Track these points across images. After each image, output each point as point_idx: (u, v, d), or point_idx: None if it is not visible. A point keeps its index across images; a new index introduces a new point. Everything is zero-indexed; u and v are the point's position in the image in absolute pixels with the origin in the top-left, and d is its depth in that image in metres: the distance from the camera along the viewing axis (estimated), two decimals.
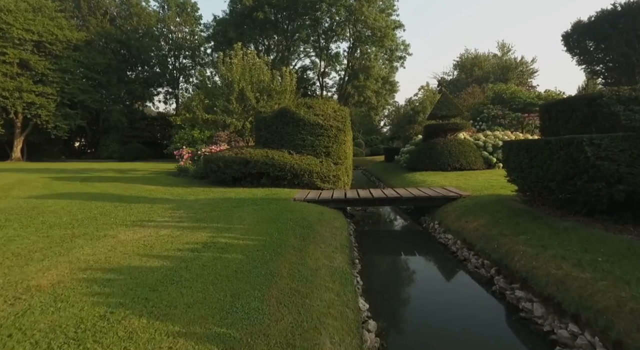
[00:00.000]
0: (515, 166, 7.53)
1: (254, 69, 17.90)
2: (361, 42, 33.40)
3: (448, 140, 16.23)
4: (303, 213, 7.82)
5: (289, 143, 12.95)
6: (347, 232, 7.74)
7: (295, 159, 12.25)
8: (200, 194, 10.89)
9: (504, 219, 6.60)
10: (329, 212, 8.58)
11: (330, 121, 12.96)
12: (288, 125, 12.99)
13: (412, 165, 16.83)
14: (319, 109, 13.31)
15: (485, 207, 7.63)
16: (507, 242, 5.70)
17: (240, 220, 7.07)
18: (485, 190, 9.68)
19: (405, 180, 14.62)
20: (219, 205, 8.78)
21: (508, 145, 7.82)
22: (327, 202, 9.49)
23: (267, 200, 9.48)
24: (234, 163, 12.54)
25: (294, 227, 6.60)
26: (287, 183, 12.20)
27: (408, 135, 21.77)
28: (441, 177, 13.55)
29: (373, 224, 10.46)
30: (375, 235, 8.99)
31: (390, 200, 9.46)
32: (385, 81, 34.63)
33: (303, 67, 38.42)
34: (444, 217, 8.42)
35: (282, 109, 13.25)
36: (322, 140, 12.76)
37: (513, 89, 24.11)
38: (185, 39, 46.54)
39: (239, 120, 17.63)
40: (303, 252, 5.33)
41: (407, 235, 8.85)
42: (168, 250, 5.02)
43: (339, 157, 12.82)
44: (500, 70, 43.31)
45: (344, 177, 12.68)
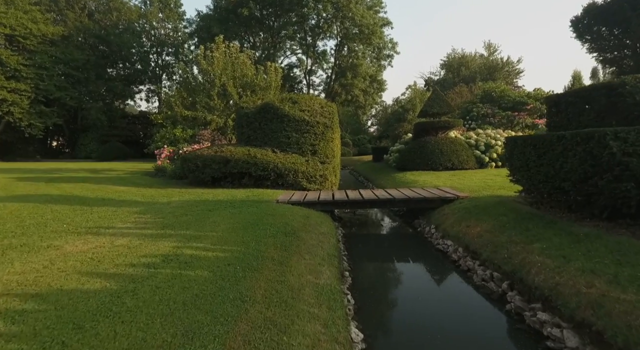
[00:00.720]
0: (520, 165, 6.80)
1: (237, 63, 16.91)
2: (348, 39, 32.65)
3: (439, 139, 15.56)
4: (286, 217, 6.94)
5: (272, 140, 12.05)
6: (336, 238, 6.89)
7: (279, 158, 11.36)
8: (174, 195, 9.90)
9: (512, 223, 5.85)
10: (315, 216, 7.73)
11: (317, 117, 12.11)
12: (272, 122, 12.09)
13: (402, 165, 16.11)
14: (304, 104, 12.44)
15: (487, 210, 6.88)
16: (520, 251, 4.93)
17: (213, 226, 6.15)
18: (483, 190, 8.96)
19: (395, 180, 13.86)
20: (192, 208, 7.83)
21: (512, 142, 7.09)
22: (313, 205, 8.63)
23: (247, 202, 8.57)
24: (213, 162, 11.57)
25: (275, 234, 5.72)
26: (270, 183, 11.30)
27: (397, 133, 21.09)
28: (433, 177, 12.83)
29: (363, 228, 9.64)
30: (365, 241, 8.17)
31: (382, 202, 8.65)
32: (373, 80, 33.95)
33: (289, 65, 37.50)
34: (441, 220, 7.65)
35: (266, 104, 12.34)
36: (308, 138, 11.90)
37: (502, 88, 23.69)
38: (169, 36, 45.05)
39: (221, 117, 16.62)
40: (284, 265, 4.45)
41: (401, 241, 8.07)
42: (118, 266, 4.08)
43: (326, 155, 11.97)
44: (486, 70, 43.16)
45: (332, 177, 11.84)
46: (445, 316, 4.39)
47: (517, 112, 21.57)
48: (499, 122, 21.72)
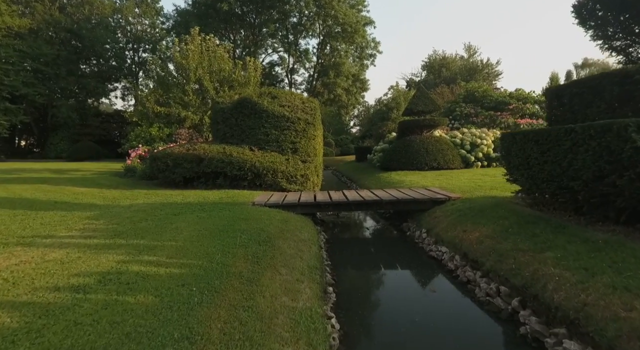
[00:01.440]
0: (519, 162, 6.15)
1: (214, 57, 15.88)
2: (331, 37, 31.92)
3: (425, 138, 14.96)
4: (262, 222, 6.08)
5: (250, 138, 11.14)
6: (318, 245, 6.07)
7: (257, 156, 10.46)
8: (139, 197, 8.87)
9: (515, 227, 5.16)
10: (294, 220, 6.89)
11: (298, 113, 11.28)
12: (249, 118, 11.18)
13: (387, 165, 15.44)
14: (285, 99, 11.58)
15: (484, 212, 6.20)
16: (530, 261, 4.23)
17: (175, 233, 5.23)
18: (475, 191, 8.32)
19: (380, 180, 13.16)
20: (155, 212, 6.86)
21: (510, 138, 6.44)
22: (293, 207, 7.79)
23: (220, 205, 7.65)
24: (184, 161, 10.57)
25: (246, 242, 4.85)
26: (247, 184, 10.39)
27: (381, 132, 20.45)
28: (420, 177, 12.18)
29: (347, 231, 8.86)
30: (350, 247, 7.38)
31: (368, 204, 7.89)
32: (356, 79, 33.34)
33: (271, 63, 36.48)
34: (433, 224, 6.94)
35: (243, 98, 11.42)
36: (289, 135, 11.04)
37: (485, 87, 23.43)
38: (145, 32, 43.27)
39: (196, 113, 15.57)
40: (254, 284, 3.61)
41: (389, 247, 7.31)
42: (35, 291, 3.14)
43: (308, 154, 11.15)
44: (467, 72, 43.27)
45: (314, 177, 11.02)
46: (450, 342, 3.62)
47: (499, 112, 21.29)
48: (482, 122, 21.38)
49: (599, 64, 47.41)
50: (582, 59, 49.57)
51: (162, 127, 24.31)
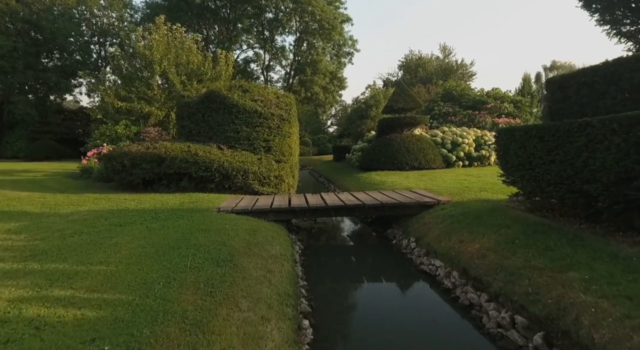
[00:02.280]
0: (518, 162, 5.40)
1: (181, 48, 14.58)
2: (308, 34, 30.89)
3: (405, 136, 14.25)
4: (225, 233, 5.06)
5: (219, 135, 10.03)
6: (292, 261, 5.10)
7: (225, 156, 9.37)
8: (86, 203, 7.61)
9: (522, 238, 4.37)
10: (265, 229, 5.89)
11: (272, 108, 10.25)
12: (218, 113, 10.06)
13: (366, 165, 14.63)
14: (257, 93, 10.53)
15: (481, 219, 5.41)
16: (550, 283, 3.42)
17: (111, 252, 4.13)
18: (464, 193, 7.57)
19: (360, 181, 12.31)
20: (97, 222, 5.69)
21: (507, 134, 5.68)
22: (265, 213, 6.79)
23: (179, 212, 6.55)
24: (143, 161, 9.34)
25: (201, 264, 3.83)
26: (214, 186, 9.28)
27: (360, 131, 19.67)
28: (402, 178, 11.41)
29: (326, 239, 7.94)
30: (329, 259, 6.44)
31: (350, 208, 6.98)
32: (334, 77, 32.47)
33: (246, 59, 35.08)
34: (422, 231, 6.10)
35: (210, 92, 10.28)
36: (262, 132, 10.00)
37: (463, 86, 23.10)
38: (112, 25, 40.83)
39: (162, 109, 14.24)
40: (201, 331, 2.60)
41: (373, 258, 6.40)
42: None
43: (283, 153, 10.14)
44: (442, 72, 43.29)
45: (289, 179, 10.03)
46: None
47: (477, 111, 20.96)
48: (460, 121, 20.99)
49: (566, 67, 48.69)
50: (550, 62, 50.74)
51: (130, 124, 22.66)
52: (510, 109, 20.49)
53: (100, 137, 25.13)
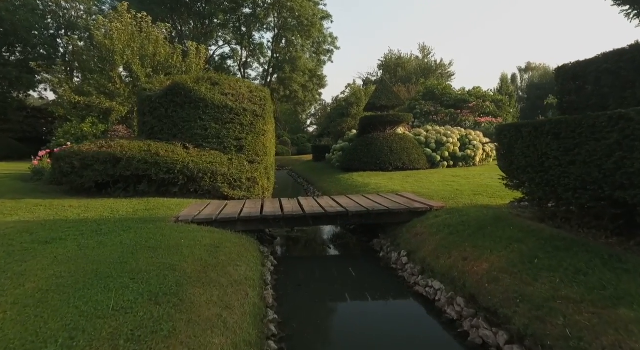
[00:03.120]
0: (527, 164, 4.60)
1: (147, 39, 13.28)
2: (286, 30, 29.78)
3: (388, 135, 13.46)
4: (177, 252, 4.03)
5: (184, 133, 8.91)
6: (260, 286, 4.11)
7: (191, 156, 8.27)
8: (19, 211, 6.37)
9: (543, 258, 3.55)
10: (230, 244, 4.88)
11: (244, 103, 9.21)
12: (183, 108, 8.93)
13: (347, 165, 13.76)
14: (228, 86, 9.45)
15: (485, 231, 4.58)
16: (595, 323, 2.59)
17: (9, 285, 3.05)
18: (458, 198, 6.77)
19: (341, 183, 11.42)
20: (16, 238, 4.53)
21: (511, 131, 4.88)
22: (232, 223, 5.77)
23: (128, 222, 5.45)
24: (96, 161, 8.12)
25: (132, 301, 2.80)
26: (178, 190, 8.16)
27: (340, 130, 18.80)
28: (386, 179, 10.58)
29: (303, 251, 6.98)
30: (308, 277, 5.47)
31: (331, 217, 6.04)
32: (313, 75, 31.49)
33: (222, 55, 33.61)
34: (415, 244, 5.23)
35: (175, 84, 9.13)
36: (232, 130, 8.95)
37: (444, 85, 22.62)
38: (80, 18, 38.46)
39: (125, 105, 12.92)
40: None
41: (358, 275, 5.45)
42: None
43: (256, 152, 9.12)
44: (421, 72, 43.12)
45: (263, 181, 9.01)
46: None
47: (459, 110, 20.48)
48: (442, 120, 20.48)
49: (540, 68, 49.52)
50: (525, 63, 51.47)
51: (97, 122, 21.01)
52: (492, 108, 20.11)
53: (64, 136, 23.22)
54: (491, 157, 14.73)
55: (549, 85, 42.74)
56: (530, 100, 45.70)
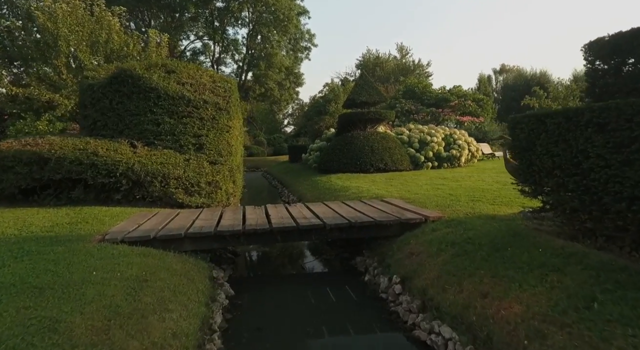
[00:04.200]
0: (555, 165, 3.57)
1: (100, 24, 11.66)
2: (262, 25, 28.33)
3: (369, 134, 12.40)
4: (75, 296, 2.74)
5: (132, 128, 7.48)
6: (197, 343, 2.84)
7: (139, 156, 6.87)
8: None
9: (603, 298, 2.47)
10: (167, 274, 3.59)
11: (206, 94, 7.87)
12: (130, 99, 7.51)
13: (325, 166, 12.59)
14: (187, 75, 8.08)
15: (503, 252, 3.49)
16: None
17: None
18: (454, 205, 5.71)
19: (318, 186, 10.24)
20: None
21: (532, 122, 3.84)
22: (177, 242, 4.47)
23: (30, 244, 4.05)
24: (17, 162, 6.59)
25: None
26: (121, 197, 6.75)
27: (318, 128, 17.61)
28: (368, 182, 9.48)
29: (268, 273, 5.74)
30: (272, 314, 4.22)
31: (304, 231, 4.83)
32: (290, 72, 30.17)
33: (193, 50, 31.76)
34: (410, 267, 4.09)
35: (120, 71, 7.68)
36: (191, 125, 7.59)
37: (425, 83, 21.87)
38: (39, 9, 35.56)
39: (71, 97, 11.26)
40: None
41: (339, 309, 4.24)
42: None
43: (219, 152, 7.79)
44: (400, 72, 42.60)
45: (227, 185, 7.69)
46: None
47: (441, 109, 19.74)
48: (423, 120, 19.66)
49: (514, 70, 50.08)
50: (499, 65, 51.95)
51: (55, 120, 18.95)
52: (474, 106, 19.47)
53: (17, 135, 20.92)
54: (476, 158, 13.95)
55: (523, 87, 43.15)
56: (505, 101, 46.01)
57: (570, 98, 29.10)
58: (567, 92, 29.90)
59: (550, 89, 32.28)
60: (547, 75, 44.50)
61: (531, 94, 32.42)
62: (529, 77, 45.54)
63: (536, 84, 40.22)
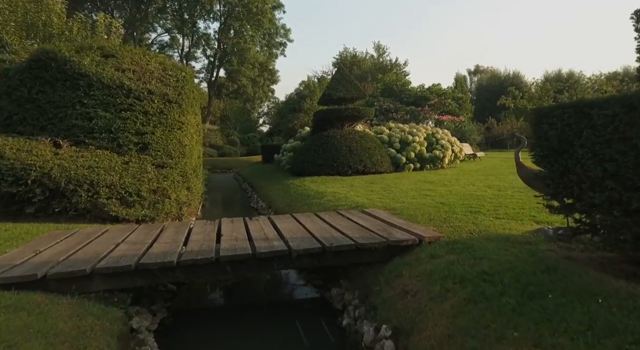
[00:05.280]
0: (602, 176, 2.55)
1: (36, 2, 9.98)
2: (233, 18, 26.78)
3: (347, 133, 11.31)
4: None
5: (57, 124, 6.06)
6: None
7: (60, 158, 5.47)
8: None
9: None
10: (41, 344, 2.28)
11: (152, 84, 6.52)
12: (54, 87, 6.07)
13: (299, 168, 11.40)
14: (129, 60, 6.70)
15: (542, 299, 2.41)
16: None
17: None
18: (452, 219, 4.67)
19: (290, 191, 9.03)
20: None
21: (571, 114, 2.80)
22: (81, 281, 3.16)
23: None
24: None
25: None
26: (36, 210, 5.31)
27: (292, 126, 16.39)
28: (345, 187, 8.37)
29: (217, 305, 4.50)
30: None
31: (262, 261, 3.62)
32: (264, 68, 28.72)
33: (161, 44, 29.74)
34: (406, 315, 2.96)
35: (42, 52, 6.24)
36: (132, 120, 6.23)
37: (404, 81, 21.04)
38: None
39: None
40: None
41: None
42: None
43: (168, 153, 6.46)
44: (377, 70, 41.93)
45: (179, 193, 6.37)
46: None
47: (420, 108, 18.93)
48: (402, 118, 18.80)
49: (488, 71, 50.52)
50: (474, 66, 52.31)
51: None
52: (453, 105, 18.78)
53: None
54: (459, 158, 13.13)
55: (497, 88, 43.51)
56: (479, 102, 46.29)
57: (545, 98, 29.28)
58: (542, 92, 30.09)
59: (525, 89, 32.51)
60: (520, 76, 45.12)
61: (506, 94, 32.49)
62: (502, 77, 46.01)
63: (510, 84, 40.68)
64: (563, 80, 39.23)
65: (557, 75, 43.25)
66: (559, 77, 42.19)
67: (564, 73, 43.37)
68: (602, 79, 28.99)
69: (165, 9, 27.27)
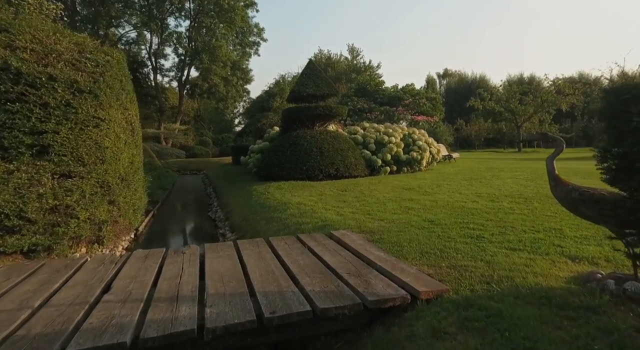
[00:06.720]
0: None
1: None
2: (204, 15, 24.64)
3: (318, 133, 9.78)
4: None
5: None
6: None
7: None
8: None
9: None
10: None
11: (58, 68, 4.73)
12: None
13: (266, 172, 9.79)
14: (28, 37, 4.88)
15: None
16: None
17: None
18: (453, 252, 3.24)
19: (251, 200, 7.43)
20: None
21: None
22: None
23: None
24: None
25: None
26: None
27: (261, 126, 14.72)
28: (314, 196, 6.84)
29: None
30: None
31: None
32: (236, 67, 26.71)
33: (127, 41, 27.11)
34: None
35: None
36: (25, 115, 4.42)
37: (377, 81, 19.75)
38: None
39: None
40: None
41: None
42: None
43: (80, 158, 4.71)
44: (351, 72, 40.75)
45: (96, 210, 4.63)
46: None
47: (394, 108, 17.69)
48: (377, 118, 17.52)
49: (455, 74, 50.39)
50: (443, 70, 52.06)
51: None
52: (428, 105, 17.65)
53: None
54: (437, 160, 11.91)
55: (465, 90, 43.36)
56: (449, 104, 46.04)
57: (512, 99, 28.80)
58: (508, 94, 29.67)
59: (493, 91, 32.11)
60: (487, 79, 45.16)
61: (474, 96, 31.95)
62: (470, 80, 45.93)
63: (477, 87, 40.51)
64: (525, 83, 39.36)
65: (519, 78, 43.58)
66: (521, 80, 42.47)
67: (526, 77, 43.80)
68: (562, 82, 28.83)
69: (133, 4, 24.70)
